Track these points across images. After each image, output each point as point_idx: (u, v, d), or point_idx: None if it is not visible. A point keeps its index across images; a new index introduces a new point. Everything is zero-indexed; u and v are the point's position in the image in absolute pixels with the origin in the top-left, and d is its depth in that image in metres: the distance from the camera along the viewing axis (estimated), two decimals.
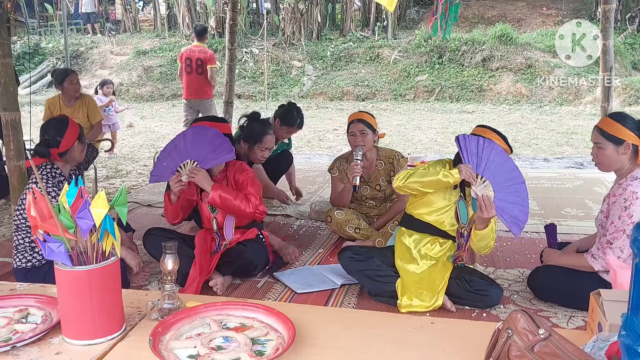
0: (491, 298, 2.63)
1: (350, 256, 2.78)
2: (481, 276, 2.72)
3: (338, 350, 1.32)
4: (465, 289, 2.62)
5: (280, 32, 15.80)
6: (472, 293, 2.61)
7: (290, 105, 4.42)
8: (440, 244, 2.65)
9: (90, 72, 15.14)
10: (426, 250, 2.65)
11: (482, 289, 2.61)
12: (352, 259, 2.77)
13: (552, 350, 1.07)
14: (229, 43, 6.44)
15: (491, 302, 2.64)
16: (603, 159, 2.49)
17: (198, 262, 2.80)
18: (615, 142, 2.43)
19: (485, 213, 2.41)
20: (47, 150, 2.68)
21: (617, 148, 2.43)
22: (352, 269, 2.78)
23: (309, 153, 7.36)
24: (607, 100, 5.44)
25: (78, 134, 2.78)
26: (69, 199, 1.35)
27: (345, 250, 2.88)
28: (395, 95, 13.46)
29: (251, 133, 3.49)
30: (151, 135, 9.28)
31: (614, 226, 2.42)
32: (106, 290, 1.37)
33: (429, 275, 2.60)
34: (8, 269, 3.10)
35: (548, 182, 5.48)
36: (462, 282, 2.62)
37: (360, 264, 2.74)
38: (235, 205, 2.81)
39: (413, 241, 2.67)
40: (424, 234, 2.66)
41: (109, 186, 5.63)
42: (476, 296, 2.62)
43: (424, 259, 2.63)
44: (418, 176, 2.55)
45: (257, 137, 3.47)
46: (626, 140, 2.41)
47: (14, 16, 3.66)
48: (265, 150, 3.53)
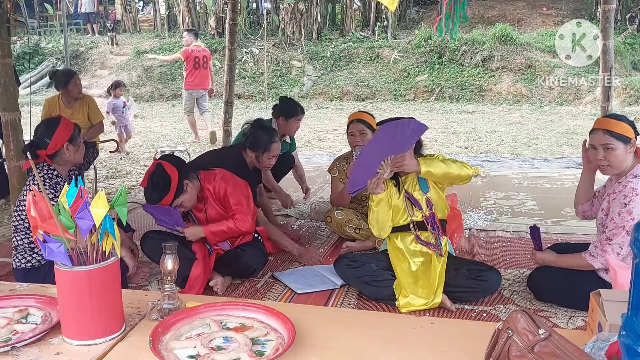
0: (491, 283, 2.64)
1: (346, 264, 2.79)
2: (477, 263, 2.77)
3: (338, 350, 1.32)
4: (465, 276, 2.63)
5: (280, 32, 15.80)
6: (472, 279, 2.62)
7: (282, 98, 4.48)
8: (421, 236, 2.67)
9: (90, 72, 15.13)
10: (413, 247, 2.66)
11: (480, 274, 2.63)
12: (349, 266, 2.77)
13: (552, 351, 1.07)
14: (229, 43, 6.45)
15: (492, 287, 2.65)
16: (614, 160, 2.44)
17: (201, 261, 2.80)
18: (624, 141, 2.42)
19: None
20: (34, 152, 2.61)
21: (625, 147, 2.43)
22: (349, 276, 2.78)
23: (309, 153, 7.36)
24: (607, 100, 5.44)
25: (70, 135, 2.68)
26: (68, 199, 1.35)
27: (340, 258, 2.88)
28: (395, 95, 13.46)
29: (258, 142, 3.41)
30: (151, 135, 9.27)
31: (613, 223, 2.42)
32: (106, 291, 1.37)
33: (424, 273, 2.62)
34: (8, 269, 3.09)
35: (548, 182, 5.48)
36: (461, 270, 2.65)
37: (356, 270, 2.74)
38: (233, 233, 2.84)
39: (401, 241, 2.69)
40: (405, 232, 2.69)
41: (109, 186, 5.63)
42: (476, 282, 2.62)
43: (414, 256, 2.65)
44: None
45: (265, 146, 3.39)
46: (632, 138, 2.42)
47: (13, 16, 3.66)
48: (272, 157, 3.47)
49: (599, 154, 2.46)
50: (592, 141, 2.51)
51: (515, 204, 4.69)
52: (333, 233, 3.72)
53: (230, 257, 2.91)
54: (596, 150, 2.47)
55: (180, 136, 9.18)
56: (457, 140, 8.48)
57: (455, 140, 8.48)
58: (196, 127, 8.29)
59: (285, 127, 4.26)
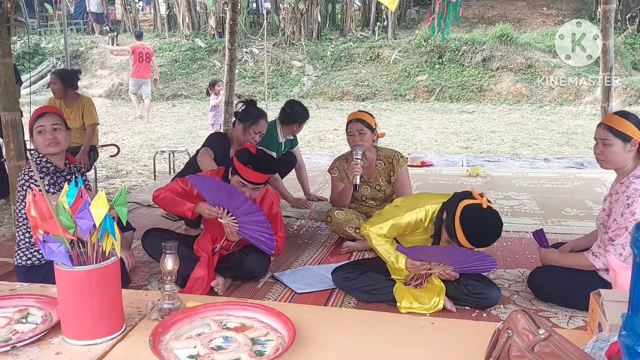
0: (489, 300, 2.62)
1: (343, 277, 2.75)
2: (477, 278, 2.66)
3: (338, 350, 1.32)
4: (462, 292, 2.60)
5: (280, 32, 15.80)
6: (470, 296, 2.61)
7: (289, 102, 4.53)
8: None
9: (90, 72, 15.14)
10: None
11: (479, 292, 2.60)
12: (347, 279, 2.74)
13: (552, 351, 1.07)
14: (229, 43, 6.44)
15: (490, 304, 2.64)
16: (610, 156, 2.47)
17: (205, 263, 2.78)
18: (623, 139, 2.43)
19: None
20: None
21: (624, 145, 2.44)
22: (348, 288, 2.76)
23: (309, 153, 7.36)
24: (607, 100, 5.43)
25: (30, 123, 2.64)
26: (68, 199, 1.35)
27: (336, 271, 2.83)
28: (395, 95, 13.46)
29: (248, 114, 3.65)
30: (151, 135, 9.27)
31: (616, 223, 2.42)
32: (106, 290, 1.37)
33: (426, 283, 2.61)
34: (8, 269, 3.09)
35: (548, 182, 5.48)
36: (459, 285, 2.60)
37: (354, 282, 2.71)
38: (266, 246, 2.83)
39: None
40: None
41: (109, 186, 5.63)
42: (474, 299, 2.61)
43: None
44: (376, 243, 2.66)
45: (254, 119, 3.62)
46: (634, 137, 2.42)
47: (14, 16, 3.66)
48: (257, 133, 3.69)
49: (598, 147, 2.51)
50: (595, 134, 2.56)
51: (516, 204, 4.68)
52: (333, 233, 3.72)
53: (233, 261, 2.88)
54: (597, 143, 2.53)
55: (180, 136, 9.19)
56: (458, 140, 8.48)
57: (456, 140, 8.48)
58: (138, 107, 11.06)
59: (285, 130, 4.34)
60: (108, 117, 11.26)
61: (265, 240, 2.72)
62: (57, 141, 2.63)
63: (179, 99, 13.96)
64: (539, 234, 2.85)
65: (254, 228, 2.71)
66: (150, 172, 6.24)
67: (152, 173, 6.15)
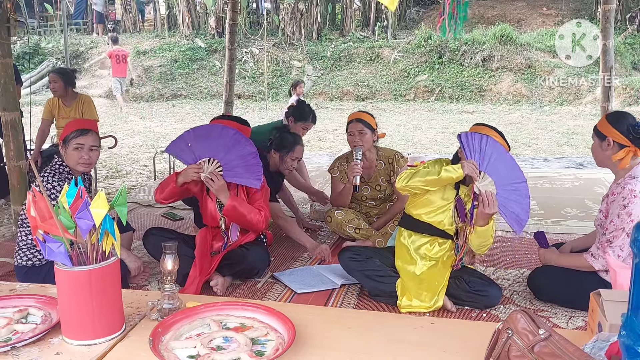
0: (490, 298, 2.63)
1: (350, 256, 2.79)
2: (480, 276, 2.72)
3: (338, 350, 1.32)
4: (464, 289, 2.62)
5: (280, 32, 15.80)
6: (472, 294, 2.62)
7: (301, 102, 4.60)
8: (440, 244, 2.64)
9: (90, 72, 15.13)
10: (425, 251, 2.64)
11: (481, 289, 2.61)
12: (352, 259, 2.77)
13: (552, 351, 1.07)
14: (229, 43, 6.44)
15: (490, 303, 2.64)
16: (592, 152, 2.62)
17: (198, 262, 2.79)
18: (599, 137, 2.51)
19: (487, 209, 2.39)
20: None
21: (600, 143, 2.51)
22: (352, 268, 2.78)
23: (309, 153, 7.35)
24: (607, 100, 5.44)
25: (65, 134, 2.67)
26: (68, 199, 1.35)
27: (345, 250, 2.89)
28: (395, 95, 13.46)
29: (284, 143, 3.56)
30: (151, 136, 9.28)
31: (613, 225, 2.43)
32: (106, 291, 1.36)
33: (429, 277, 2.60)
34: (8, 269, 3.10)
35: (548, 182, 5.48)
36: (461, 282, 2.62)
37: (360, 264, 2.74)
38: (248, 221, 2.85)
39: (412, 242, 2.67)
40: (423, 234, 2.66)
41: (109, 186, 5.63)
42: (475, 296, 2.62)
43: (423, 259, 2.63)
44: (421, 175, 2.54)
45: (290, 147, 3.54)
46: (608, 136, 2.46)
47: (14, 16, 3.66)
48: (295, 160, 3.62)
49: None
50: None
51: None
52: (333, 233, 3.72)
53: (235, 257, 2.91)
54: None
55: None
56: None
57: (456, 140, 8.46)
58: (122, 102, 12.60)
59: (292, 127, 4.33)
60: (108, 117, 11.26)
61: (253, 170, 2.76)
62: (91, 162, 2.69)
63: (179, 99, 13.96)
64: (540, 236, 2.86)
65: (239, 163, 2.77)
66: (150, 172, 6.24)
67: (152, 173, 6.15)
